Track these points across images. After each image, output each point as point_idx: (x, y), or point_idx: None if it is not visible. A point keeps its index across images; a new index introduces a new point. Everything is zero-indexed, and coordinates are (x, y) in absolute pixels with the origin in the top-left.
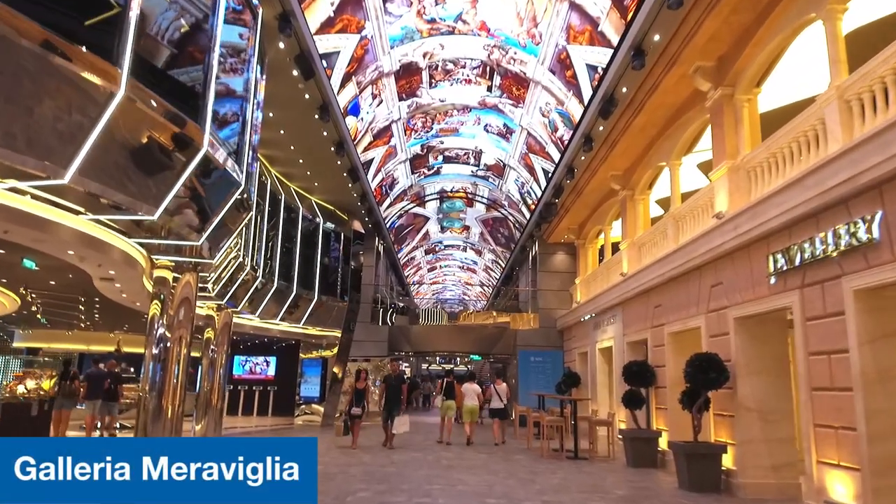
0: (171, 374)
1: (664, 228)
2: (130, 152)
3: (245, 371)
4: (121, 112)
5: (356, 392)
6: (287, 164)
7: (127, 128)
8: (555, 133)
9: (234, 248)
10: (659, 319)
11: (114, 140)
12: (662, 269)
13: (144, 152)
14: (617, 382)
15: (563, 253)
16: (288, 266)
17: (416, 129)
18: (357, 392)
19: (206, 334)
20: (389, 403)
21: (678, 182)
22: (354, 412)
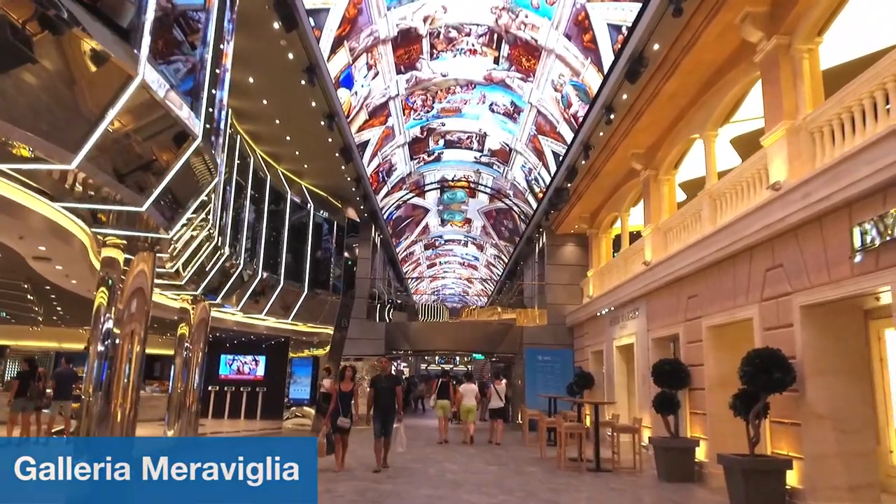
0: (121, 375)
1: (697, 209)
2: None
3: (232, 371)
4: None
5: (341, 396)
6: (273, 142)
7: None
8: (568, 109)
9: (205, 225)
10: (694, 312)
11: None
12: (698, 255)
13: (60, 78)
14: (640, 384)
15: (574, 244)
16: (274, 255)
17: (416, 109)
18: (343, 396)
19: (180, 330)
20: (381, 413)
21: (714, 156)
22: (341, 424)
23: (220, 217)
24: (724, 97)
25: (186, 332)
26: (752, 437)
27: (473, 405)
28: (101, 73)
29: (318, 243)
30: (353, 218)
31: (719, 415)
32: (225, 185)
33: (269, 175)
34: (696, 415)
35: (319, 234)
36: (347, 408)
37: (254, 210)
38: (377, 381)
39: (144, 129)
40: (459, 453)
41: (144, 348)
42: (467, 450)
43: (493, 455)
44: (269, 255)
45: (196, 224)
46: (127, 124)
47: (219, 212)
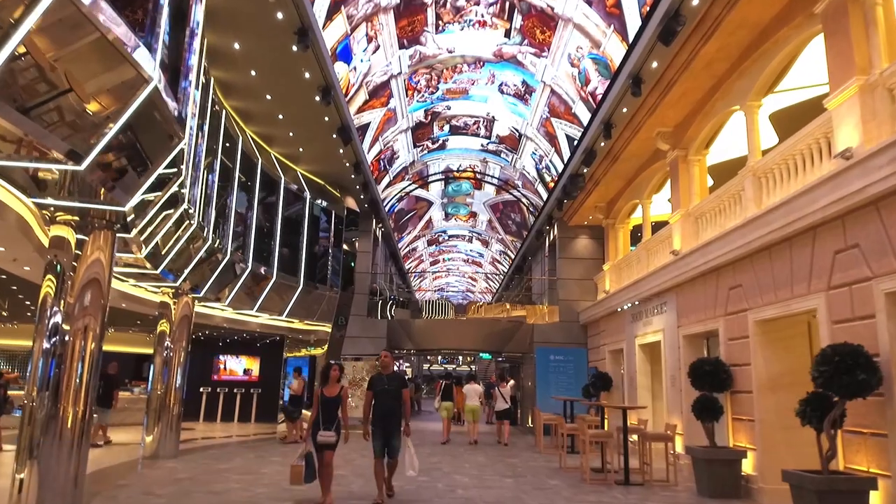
0: (72, 375)
1: (737, 190)
2: None
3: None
4: None
5: (324, 403)
6: (264, 121)
7: None
8: (585, 87)
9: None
10: (737, 304)
11: None
12: (742, 240)
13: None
14: (668, 386)
15: (587, 237)
16: (267, 246)
17: (420, 90)
18: (326, 403)
19: (160, 327)
20: (382, 424)
21: (757, 129)
22: (323, 439)
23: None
24: (772, 61)
25: (167, 330)
26: (826, 451)
27: (477, 405)
28: None
29: (314, 234)
30: (353, 208)
31: (770, 421)
32: (208, 162)
33: (260, 158)
34: (739, 421)
35: (316, 224)
36: (332, 418)
37: (244, 196)
38: (376, 382)
39: (72, 58)
40: (469, 462)
41: (101, 346)
42: (476, 457)
43: (506, 466)
44: (261, 246)
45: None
46: (46, 50)
47: (199, 191)
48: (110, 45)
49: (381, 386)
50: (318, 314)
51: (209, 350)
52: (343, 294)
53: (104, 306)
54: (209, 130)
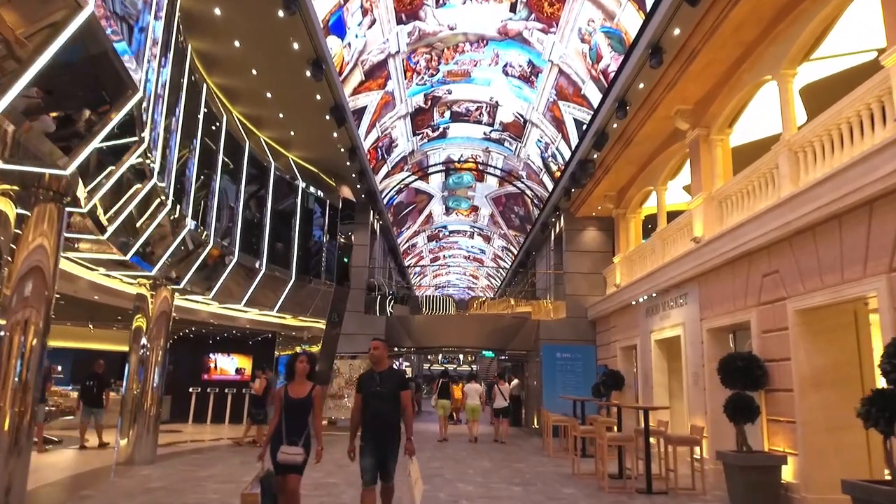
0: (9, 374)
1: (769, 168)
2: None
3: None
4: None
5: (287, 408)
6: (251, 100)
7: None
8: (597, 65)
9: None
10: (774, 293)
11: None
12: (781, 220)
13: None
14: (690, 384)
15: (595, 228)
16: (255, 235)
17: (419, 71)
18: (290, 408)
19: (135, 322)
20: (374, 438)
21: (791, 101)
22: (285, 458)
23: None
24: (809, 23)
25: (143, 326)
26: (893, 458)
27: (478, 404)
28: None
29: (308, 225)
30: (349, 198)
31: (814, 423)
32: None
33: (248, 142)
34: (776, 423)
35: (310, 214)
36: (299, 428)
37: (229, 181)
38: (366, 382)
39: None
40: (472, 468)
41: (45, 342)
42: (480, 462)
43: (513, 471)
44: (249, 235)
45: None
46: None
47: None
48: None
49: (373, 387)
50: (311, 309)
51: (199, 348)
52: (338, 289)
53: (49, 298)
54: (188, 106)
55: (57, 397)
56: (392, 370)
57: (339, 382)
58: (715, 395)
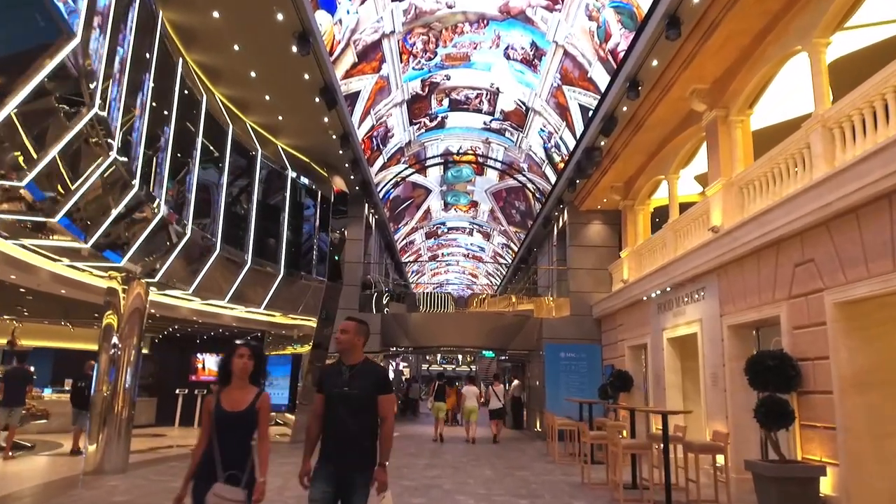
0: None
1: (799, 148)
2: None
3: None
4: None
5: (220, 422)
6: (235, 81)
7: None
8: (605, 44)
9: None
10: (808, 284)
11: None
12: (817, 203)
13: None
14: (708, 385)
15: (601, 222)
16: (240, 226)
17: (416, 54)
18: (225, 424)
19: (105, 319)
20: (337, 460)
21: (825, 73)
22: (218, 499)
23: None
24: None
25: (115, 323)
26: None
27: (475, 406)
28: None
29: (297, 217)
30: (342, 188)
31: (857, 430)
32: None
33: (232, 126)
34: (811, 429)
35: (300, 205)
36: (240, 455)
37: (212, 168)
38: (330, 379)
39: None
40: (473, 477)
41: None
42: (482, 470)
43: (517, 481)
44: (233, 226)
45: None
46: None
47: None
48: None
49: (338, 386)
50: (302, 307)
51: (186, 348)
52: (330, 285)
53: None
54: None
55: (30, 400)
56: (368, 364)
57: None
58: (737, 398)
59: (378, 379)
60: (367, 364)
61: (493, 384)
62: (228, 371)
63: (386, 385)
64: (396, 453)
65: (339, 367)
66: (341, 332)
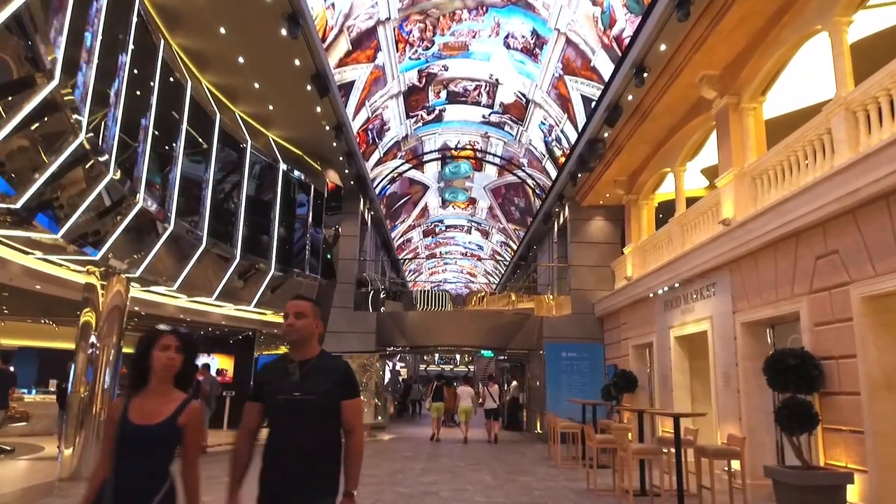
0: None
1: (819, 134)
2: None
3: None
4: None
5: (125, 442)
6: (222, 67)
7: None
8: (609, 31)
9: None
10: (832, 277)
11: None
12: (842, 190)
13: None
14: (720, 386)
15: (603, 218)
16: (228, 220)
17: (412, 43)
18: (131, 442)
19: (83, 317)
20: (285, 487)
21: (847, 54)
22: None
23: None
24: None
25: (93, 321)
26: None
27: (470, 406)
28: None
29: (290, 211)
30: (336, 182)
31: (888, 434)
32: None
33: (220, 115)
34: (835, 432)
35: (292, 199)
36: (151, 487)
37: (197, 157)
38: (271, 380)
39: None
40: (472, 483)
41: None
42: (481, 476)
43: (519, 487)
44: (221, 220)
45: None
46: None
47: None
48: None
49: (285, 391)
50: None
51: None
52: (323, 282)
53: None
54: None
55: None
56: (327, 359)
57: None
58: (751, 399)
59: (341, 378)
60: (325, 359)
61: (489, 384)
62: (144, 368)
63: (351, 386)
64: (391, 456)
65: (286, 365)
66: (295, 317)
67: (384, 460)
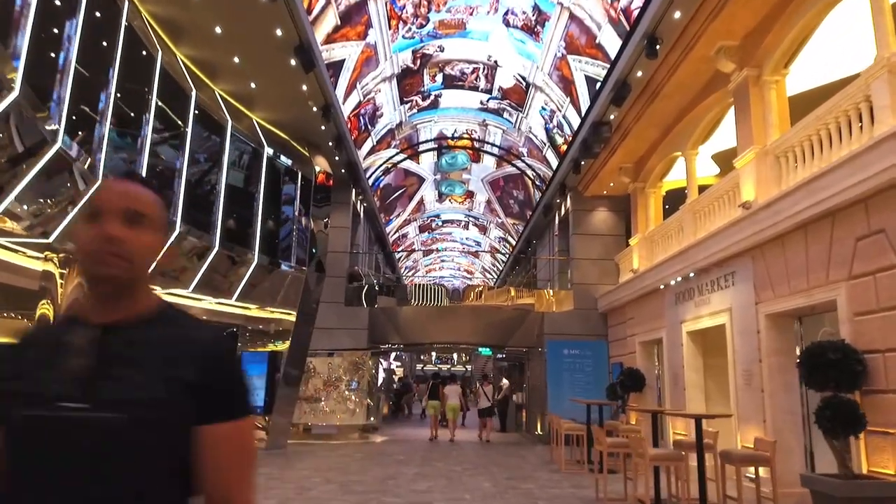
0: None
1: (854, 103)
2: None
3: None
4: None
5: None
6: (198, 39)
7: None
8: (616, 2)
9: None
10: (876, 260)
11: None
12: (888, 160)
13: None
14: (741, 385)
15: (606, 209)
16: (205, 206)
17: (406, 20)
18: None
19: (39, 309)
20: None
21: (888, 9)
22: None
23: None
24: None
25: (50, 313)
26: None
27: (457, 404)
28: None
29: (274, 198)
30: (325, 168)
31: None
32: (90, 67)
33: (196, 92)
34: (881, 436)
35: (277, 186)
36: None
37: (168, 135)
38: (24, 372)
39: None
40: (470, 490)
41: None
42: (479, 482)
43: (522, 496)
44: (197, 205)
45: None
46: None
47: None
48: None
49: (46, 399)
50: (279, 299)
51: None
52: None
53: None
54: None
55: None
56: (172, 323)
57: (317, 384)
58: (777, 399)
59: (205, 367)
60: (168, 323)
61: (483, 384)
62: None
63: (230, 390)
64: (383, 460)
65: (64, 336)
66: (125, 220)
67: (375, 465)
